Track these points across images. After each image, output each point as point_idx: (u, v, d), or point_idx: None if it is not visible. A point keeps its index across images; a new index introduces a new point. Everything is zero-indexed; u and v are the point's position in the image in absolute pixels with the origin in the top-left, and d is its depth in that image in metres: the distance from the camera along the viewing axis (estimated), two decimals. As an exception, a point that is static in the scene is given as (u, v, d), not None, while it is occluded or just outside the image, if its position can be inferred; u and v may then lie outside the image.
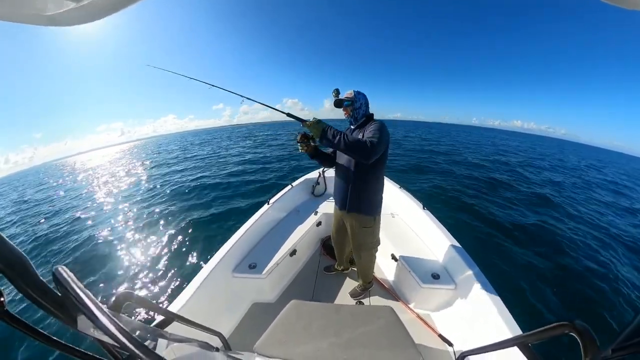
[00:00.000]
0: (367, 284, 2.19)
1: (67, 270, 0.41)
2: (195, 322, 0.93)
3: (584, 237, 5.25)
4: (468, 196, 7.09)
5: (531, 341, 0.68)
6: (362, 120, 1.71)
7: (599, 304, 3.22)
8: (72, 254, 5.02)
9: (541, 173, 12.75)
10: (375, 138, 1.46)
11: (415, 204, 2.76)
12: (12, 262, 0.32)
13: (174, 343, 0.76)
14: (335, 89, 1.70)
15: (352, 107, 1.67)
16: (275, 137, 30.16)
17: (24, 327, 0.36)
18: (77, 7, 0.34)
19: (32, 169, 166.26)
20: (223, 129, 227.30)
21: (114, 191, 10.50)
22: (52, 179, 23.01)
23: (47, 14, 0.35)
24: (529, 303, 3.13)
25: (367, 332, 1.25)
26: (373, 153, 1.44)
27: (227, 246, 2.07)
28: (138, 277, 3.87)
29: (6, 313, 0.33)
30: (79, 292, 0.39)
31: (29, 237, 6.57)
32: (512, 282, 3.47)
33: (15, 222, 8.79)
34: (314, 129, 1.48)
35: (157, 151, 31.99)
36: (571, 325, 0.55)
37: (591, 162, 24.84)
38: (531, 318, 2.92)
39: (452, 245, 2.04)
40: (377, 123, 1.59)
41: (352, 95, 1.67)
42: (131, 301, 0.62)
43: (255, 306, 2.13)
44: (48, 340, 0.40)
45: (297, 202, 3.19)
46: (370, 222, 1.80)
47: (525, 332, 0.70)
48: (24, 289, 0.34)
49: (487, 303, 1.51)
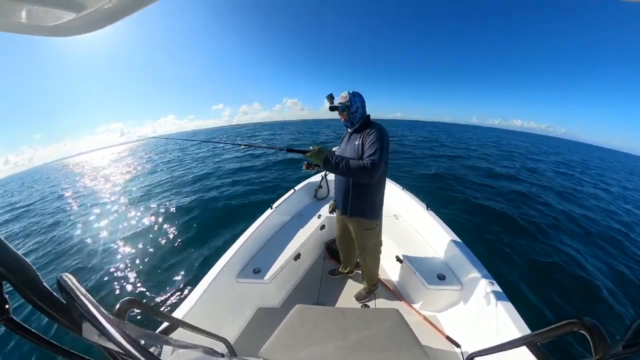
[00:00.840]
0: (372, 287, 2.17)
1: (71, 277, 0.42)
2: (200, 328, 0.93)
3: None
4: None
5: (540, 340, 0.67)
6: (359, 123, 1.68)
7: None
8: (75, 260, 5.04)
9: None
10: (375, 156, 1.46)
11: (419, 204, 2.75)
12: (17, 271, 0.33)
13: (179, 349, 0.76)
14: (329, 95, 1.68)
15: (348, 111, 1.64)
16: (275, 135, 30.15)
17: (28, 334, 0.36)
18: (77, 17, 0.35)
19: (32, 170, 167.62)
20: (223, 129, 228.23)
21: (116, 194, 10.52)
22: (53, 181, 23.15)
23: (50, 25, 0.36)
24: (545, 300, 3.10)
25: (373, 335, 1.24)
26: (375, 173, 1.46)
27: (231, 251, 2.07)
28: (142, 283, 3.87)
29: (11, 320, 0.34)
30: (83, 299, 0.39)
31: (35, 244, 6.62)
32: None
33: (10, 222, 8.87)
34: (316, 158, 1.54)
35: (159, 151, 32.13)
36: (580, 322, 0.55)
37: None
38: (538, 317, 2.89)
39: (457, 245, 2.02)
40: (376, 132, 1.55)
41: (346, 98, 1.63)
42: (135, 308, 0.62)
43: (260, 311, 2.12)
44: (53, 347, 0.40)
45: (300, 206, 3.19)
46: (372, 225, 1.80)
47: (534, 331, 0.69)
48: (29, 296, 0.34)
49: (494, 303, 1.49)
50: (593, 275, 3.75)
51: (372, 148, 1.50)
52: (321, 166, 1.56)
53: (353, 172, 1.47)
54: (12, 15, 0.32)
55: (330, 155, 1.51)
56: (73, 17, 0.35)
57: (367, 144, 1.54)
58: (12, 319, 0.34)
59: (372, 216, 1.76)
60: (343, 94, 1.66)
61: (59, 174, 31.64)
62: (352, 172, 1.47)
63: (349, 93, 1.63)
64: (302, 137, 26.72)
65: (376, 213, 1.78)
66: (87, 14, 0.35)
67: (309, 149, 1.56)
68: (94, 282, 4.04)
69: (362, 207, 1.73)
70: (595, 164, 23.27)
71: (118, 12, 0.38)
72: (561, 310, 3.04)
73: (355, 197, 1.72)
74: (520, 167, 13.46)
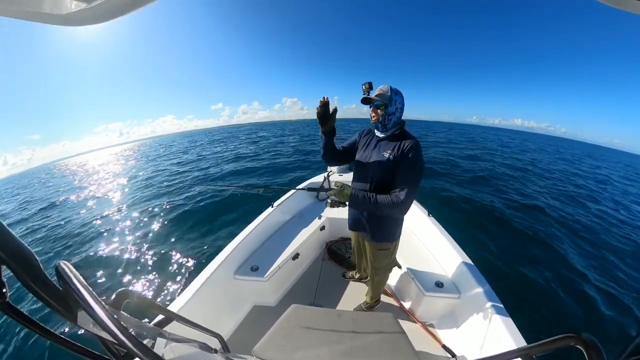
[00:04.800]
0: (374, 302, 2.06)
1: (69, 265, 0.42)
2: (194, 323, 0.93)
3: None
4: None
5: (535, 353, 0.66)
6: (393, 130, 1.41)
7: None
8: (74, 251, 5.09)
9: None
10: (410, 190, 1.27)
11: (421, 210, 2.74)
12: (17, 256, 0.33)
13: (173, 343, 0.76)
14: (368, 82, 1.39)
15: (385, 111, 1.35)
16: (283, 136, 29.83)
17: (24, 319, 0.37)
18: (88, 7, 0.36)
19: (31, 170, 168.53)
20: (223, 129, 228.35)
21: (117, 191, 10.64)
22: (54, 180, 23.20)
23: (62, 14, 0.36)
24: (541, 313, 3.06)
25: (369, 340, 1.23)
26: (406, 210, 1.34)
27: (229, 248, 2.08)
28: (139, 276, 3.91)
29: (7, 305, 0.34)
30: (80, 287, 0.39)
31: (41, 235, 6.69)
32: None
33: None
34: (341, 196, 1.41)
35: (159, 152, 32.33)
36: (577, 337, 0.54)
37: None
38: (538, 330, 2.85)
39: (456, 254, 2.01)
40: (414, 153, 1.30)
41: (387, 94, 1.33)
42: (131, 299, 0.62)
43: (255, 309, 2.12)
44: (48, 333, 0.41)
45: (301, 206, 3.19)
46: (388, 246, 1.62)
47: (530, 343, 0.69)
48: (27, 282, 0.34)
49: (491, 313, 1.48)
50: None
51: (408, 179, 1.29)
52: (347, 204, 1.45)
53: (381, 209, 1.33)
54: (29, 2, 0.33)
55: (355, 193, 1.38)
56: (85, 7, 0.35)
57: (403, 170, 1.32)
58: (8, 303, 0.34)
59: (390, 239, 1.59)
60: (383, 88, 1.35)
61: (50, 176, 31.58)
62: (380, 209, 1.33)
63: (391, 89, 1.34)
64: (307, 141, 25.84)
65: (395, 235, 1.59)
66: (100, 4, 0.36)
67: (333, 187, 1.45)
68: (92, 274, 4.09)
69: (380, 232, 1.56)
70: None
71: (127, 4, 0.38)
72: (564, 324, 3.01)
73: (373, 222, 1.54)
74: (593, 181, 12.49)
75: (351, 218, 1.71)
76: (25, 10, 0.35)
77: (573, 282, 3.79)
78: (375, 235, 1.57)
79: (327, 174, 3.49)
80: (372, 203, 1.33)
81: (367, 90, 1.40)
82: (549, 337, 0.61)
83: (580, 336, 0.53)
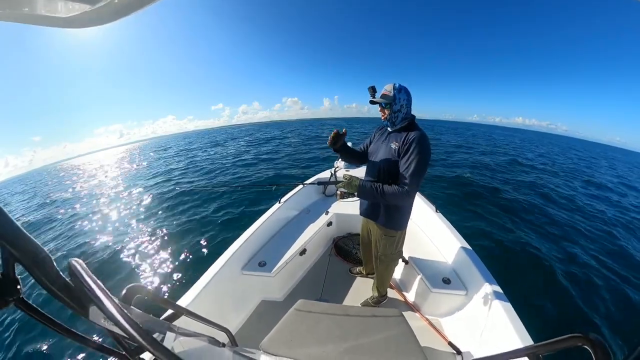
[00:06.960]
0: (380, 297, 2.07)
1: (81, 262, 0.43)
2: (203, 317, 0.95)
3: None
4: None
5: (542, 352, 0.65)
6: (402, 124, 1.50)
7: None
8: (86, 250, 5.24)
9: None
10: (413, 179, 1.36)
11: (428, 206, 2.71)
12: (30, 253, 0.34)
13: (182, 337, 0.78)
14: (371, 87, 1.51)
15: (390, 109, 1.47)
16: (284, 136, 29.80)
17: (38, 315, 0.38)
18: (91, 9, 0.36)
19: (32, 172, 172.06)
20: (223, 129, 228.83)
21: (124, 190, 10.85)
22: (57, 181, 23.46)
23: (64, 17, 0.37)
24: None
25: (375, 336, 1.23)
26: (410, 200, 1.45)
27: (237, 243, 2.10)
28: (149, 272, 4.01)
29: (22, 301, 0.35)
30: (91, 283, 0.41)
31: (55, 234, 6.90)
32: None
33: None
34: (350, 187, 1.53)
35: (159, 151, 32.52)
36: (584, 337, 0.53)
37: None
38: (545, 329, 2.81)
39: (464, 250, 1.99)
40: (416, 145, 1.37)
41: (390, 93, 1.43)
42: (141, 294, 0.63)
43: (263, 304, 2.15)
44: (62, 329, 0.42)
45: (308, 202, 3.20)
46: (394, 233, 1.70)
47: (537, 342, 0.68)
48: (40, 278, 0.35)
49: (498, 310, 1.46)
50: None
51: (408, 169, 1.37)
52: (355, 194, 1.56)
53: (387, 198, 1.43)
54: (29, 5, 0.33)
55: (362, 184, 1.50)
56: (87, 9, 0.36)
57: (404, 159, 1.40)
58: (22, 299, 0.35)
59: (398, 227, 1.67)
60: (387, 87, 1.47)
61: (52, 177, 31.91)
62: (386, 198, 1.44)
63: (394, 87, 1.44)
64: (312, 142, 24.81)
65: (402, 225, 1.68)
66: (101, 7, 0.36)
67: (342, 179, 1.55)
68: (103, 270, 4.21)
69: (389, 219, 1.64)
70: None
71: (131, 5, 0.38)
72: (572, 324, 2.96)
73: (384, 209, 1.63)
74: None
75: (364, 204, 1.81)
76: (33, 14, 0.36)
77: (586, 281, 3.71)
78: (384, 221, 1.66)
79: (334, 169, 3.49)
80: (379, 193, 1.43)
81: (372, 93, 1.53)
82: (555, 336, 0.61)
83: (587, 336, 0.52)
